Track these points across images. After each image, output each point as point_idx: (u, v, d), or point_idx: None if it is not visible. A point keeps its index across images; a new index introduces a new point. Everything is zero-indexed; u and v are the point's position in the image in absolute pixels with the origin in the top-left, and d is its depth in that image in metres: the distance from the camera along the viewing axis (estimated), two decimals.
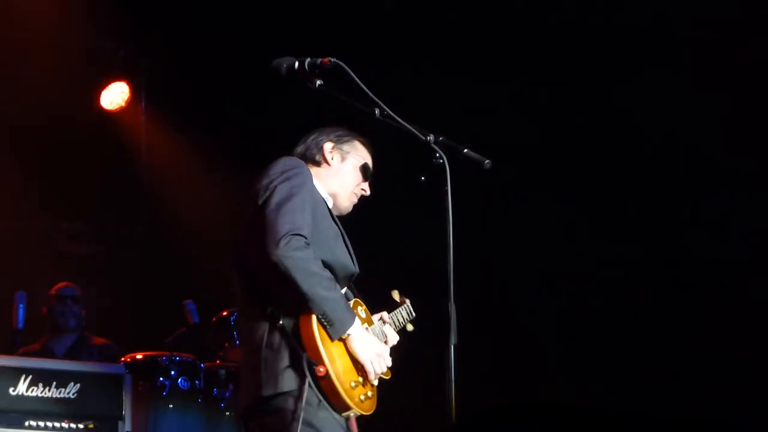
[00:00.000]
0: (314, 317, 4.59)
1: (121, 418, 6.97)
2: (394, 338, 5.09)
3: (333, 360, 4.62)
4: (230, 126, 8.84)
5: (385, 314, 5.14)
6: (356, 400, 4.65)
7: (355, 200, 5.11)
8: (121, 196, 9.55)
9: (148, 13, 8.97)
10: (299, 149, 5.09)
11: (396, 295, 5.40)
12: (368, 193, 5.13)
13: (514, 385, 7.80)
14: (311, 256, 4.57)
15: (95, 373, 7.05)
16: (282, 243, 4.53)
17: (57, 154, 9.22)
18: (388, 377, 4.86)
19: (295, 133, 8.51)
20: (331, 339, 4.64)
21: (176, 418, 7.19)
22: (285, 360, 4.62)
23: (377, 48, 8.20)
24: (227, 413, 7.34)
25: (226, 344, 7.49)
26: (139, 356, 7.34)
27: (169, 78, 9.14)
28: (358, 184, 5.09)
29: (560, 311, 8.24)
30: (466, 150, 4.66)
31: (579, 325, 8.15)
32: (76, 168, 9.28)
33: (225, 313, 7.50)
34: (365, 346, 4.73)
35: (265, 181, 4.74)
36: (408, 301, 5.43)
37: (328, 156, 5.05)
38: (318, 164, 5.05)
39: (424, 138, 4.66)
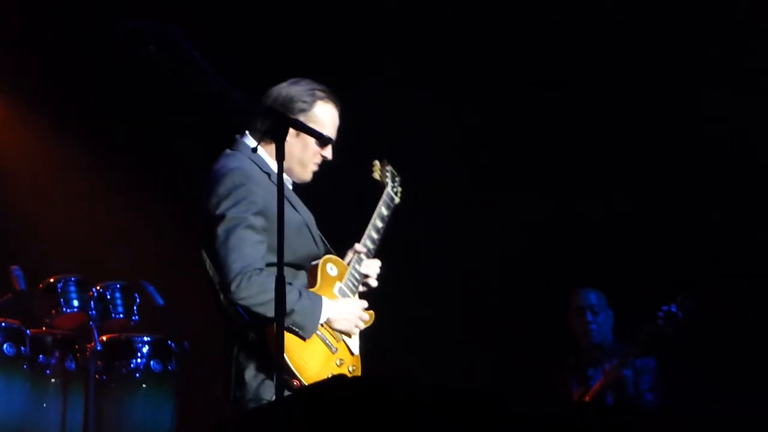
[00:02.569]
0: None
1: None
2: (372, 268, 5.10)
3: (305, 367, 4.74)
4: (62, 92, 8.72)
5: (357, 245, 5.10)
6: None
7: (315, 168, 5.04)
8: None
9: None
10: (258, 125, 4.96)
11: (377, 171, 5.29)
12: (330, 157, 5.06)
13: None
14: (263, 283, 4.65)
15: None
16: (233, 286, 4.66)
17: None
18: (371, 323, 5.00)
19: (123, 97, 8.38)
20: (304, 340, 4.76)
21: (1, 384, 7.06)
22: (254, 369, 4.77)
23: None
24: (53, 380, 7.29)
25: (53, 311, 7.42)
26: None
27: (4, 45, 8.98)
28: (316, 154, 5.02)
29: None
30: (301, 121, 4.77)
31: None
32: None
33: (52, 280, 7.44)
34: (340, 324, 4.89)
35: (213, 200, 4.78)
36: (390, 175, 5.32)
37: (256, 143, 4.93)
38: (261, 144, 4.96)
39: (260, 107, 4.78)
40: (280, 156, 4.44)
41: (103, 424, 7.32)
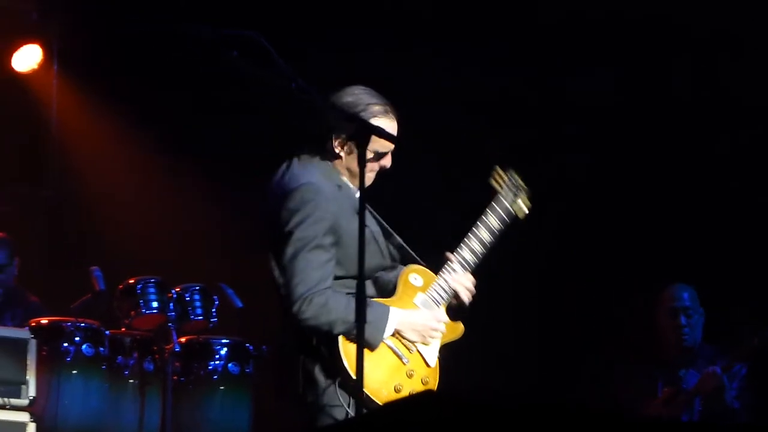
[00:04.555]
0: (341, 342, 4.75)
1: (25, 382, 6.96)
2: (462, 282, 5.01)
3: (370, 380, 4.71)
4: (142, 92, 8.77)
5: (448, 254, 5.05)
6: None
7: (373, 176, 4.97)
8: (31, 159, 9.45)
9: None
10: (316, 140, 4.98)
11: (496, 178, 5.16)
12: (389, 166, 5.01)
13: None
14: (326, 304, 4.72)
15: None
16: (295, 307, 4.74)
17: None
18: (456, 336, 4.99)
19: (205, 101, 8.40)
20: (371, 350, 4.78)
21: (80, 384, 7.16)
22: (324, 375, 4.82)
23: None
24: (131, 381, 7.33)
25: (132, 312, 7.45)
26: (44, 321, 7.30)
27: (82, 42, 9.04)
28: (372, 167, 4.95)
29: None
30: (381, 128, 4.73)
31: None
32: None
33: (132, 281, 7.47)
34: (410, 335, 4.88)
35: (284, 215, 4.81)
36: (511, 186, 5.20)
37: (337, 150, 4.93)
38: (331, 154, 4.95)
39: (346, 113, 4.75)
40: (362, 163, 4.45)
41: (180, 425, 7.35)
